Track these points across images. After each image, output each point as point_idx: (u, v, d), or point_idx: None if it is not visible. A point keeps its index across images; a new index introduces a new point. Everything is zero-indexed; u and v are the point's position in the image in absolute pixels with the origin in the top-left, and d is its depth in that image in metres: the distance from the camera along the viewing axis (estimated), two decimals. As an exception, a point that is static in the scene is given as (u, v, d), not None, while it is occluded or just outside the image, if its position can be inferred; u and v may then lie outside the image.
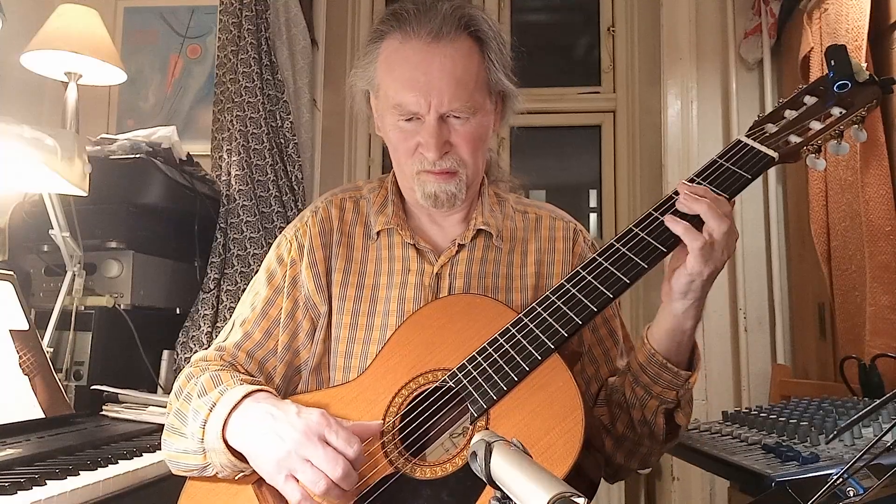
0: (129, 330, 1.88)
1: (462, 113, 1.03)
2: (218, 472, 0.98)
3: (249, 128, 2.39)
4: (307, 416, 0.91)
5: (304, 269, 1.12)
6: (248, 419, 0.94)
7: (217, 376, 1.02)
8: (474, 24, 1.05)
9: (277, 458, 0.89)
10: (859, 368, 1.50)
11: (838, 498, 0.81)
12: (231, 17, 2.45)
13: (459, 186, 1.07)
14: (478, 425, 0.91)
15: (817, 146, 0.98)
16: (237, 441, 0.94)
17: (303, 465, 0.87)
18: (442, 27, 1.02)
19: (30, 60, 2.14)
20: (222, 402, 0.96)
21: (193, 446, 0.98)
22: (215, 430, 0.95)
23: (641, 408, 0.99)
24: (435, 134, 1.03)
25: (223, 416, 0.94)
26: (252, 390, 0.97)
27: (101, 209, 1.91)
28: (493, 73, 1.07)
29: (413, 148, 1.06)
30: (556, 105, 2.97)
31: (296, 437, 0.88)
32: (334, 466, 0.86)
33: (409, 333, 1.02)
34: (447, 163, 1.05)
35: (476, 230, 1.13)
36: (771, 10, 2.41)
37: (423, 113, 1.03)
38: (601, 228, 2.95)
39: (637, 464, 1.09)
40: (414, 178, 1.08)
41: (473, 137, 1.06)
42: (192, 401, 1.00)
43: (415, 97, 1.02)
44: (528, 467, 0.57)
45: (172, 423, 1.03)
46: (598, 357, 1.12)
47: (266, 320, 1.12)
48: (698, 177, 0.96)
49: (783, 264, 2.45)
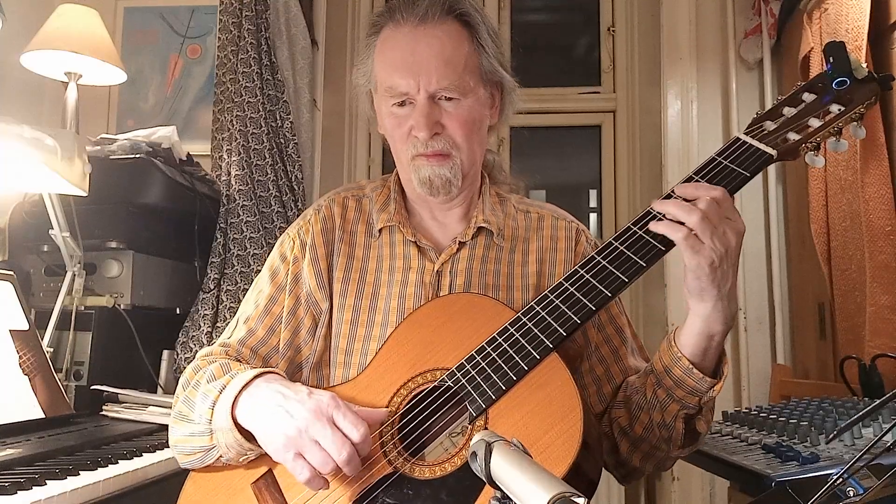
0: (129, 330, 1.88)
1: (452, 93, 1.05)
2: (223, 454, 0.98)
3: (249, 128, 2.39)
4: (318, 397, 0.92)
5: (307, 267, 1.13)
6: (258, 398, 0.95)
7: (227, 364, 1.04)
8: (460, 7, 1.08)
9: (287, 435, 0.90)
10: (859, 368, 1.50)
11: (838, 498, 0.81)
12: (231, 17, 2.45)
13: (454, 171, 1.08)
14: (476, 425, 0.91)
15: (816, 143, 0.98)
16: (246, 419, 0.94)
17: (311, 445, 0.88)
18: (428, 10, 1.06)
19: (30, 60, 2.14)
20: (232, 384, 0.97)
21: (200, 428, 0.98)
22: (225, 408, 0.95)
23: (662, 410, 0.98)
24: (425, 113, 1.04)
25: (233, 394, 0.95)
26: (263, 371, 0.99)
27: (101, 209, 1.91)
28: (485, 59, 1.08)
29: (407, 132, 1.08)
30: (556, 105, 2.97)
31: (306, 415, 0.89)
32: (340, 449, 0.87)
33: (408, 332, 1.02)
34: (439, 143, 1.06)
35: (477, 228, 1.13)
36: (771, 10, 2.41)
37: (413, 94, 1.05)
38: (601, 228, 2.95)
39: (653, 467, 1.08)
40: (409, 165, 1.09)
41: (466, 120, 1.07)
42: (201, 387, 1.01)
43: (404, 78, 1.04)
44: (528, 467, 0.57)
45: (180, 411, 1.03)
46: (607, 356, 1.12)
47: (269, 317, 1.12)
48: (697, 174, 0.96)
49: (783, 264, 2.45)
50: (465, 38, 1.07)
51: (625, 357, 1.12)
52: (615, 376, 1.11)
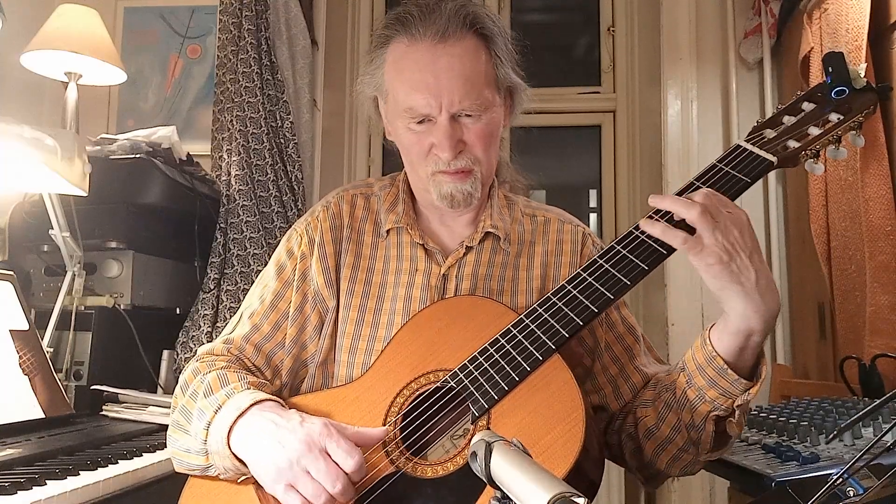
0: (129, 330, 1.88)
1: (473, 111, 1.04)
2: (220, 473, 0.98)
3: (249, 128, 2.39)
4: (309, 426, 0.90)
5: (314, 264, 1.12)
6: (252, 428, 0.93)
7: (224, 376, 1.01)
8: (479, 21, 1.05)
9: (278, 467, 0.88)
10: (859, 368, 1.50)
11: (838, 498, 0.81)
12: (231, 17, 2.45)
13: (475, 185, 1.08)
14: (479, 425, 0.91)
15: (816, 151, 0.99)
16: (240, 449, 0.93)
17: (303, 476, 0.87)
18: (447, 27, 1.02)
19: (30, 60, 2.14)
20: (227, 407, 0.96)
21: (196, 446, 0.98)
22: (220, 434, 0.94)
23: (691, 411, 0.95)
24: (448, 134, 1.03)
25: (229, 422, 0.94)
26: (260, 399, 0.96)
27: (101, 209, 1.91)
28: (501, 69, 1.07)
29: (427, 150, 1.06)
30: (556, 105, 2.97)
31: (297, 446, 0.88)
32: (333, 481, 0.86)
33: (412, 334, 1.02)
34: (462, 161, 1.05)
35: (484, 233, 1.13)
36: (771, 10, 2.41)
37: (434, 114, 1.03)
38: (601, 228, 2.95)
39: (679, 471, 1.04)
40: (429, 180, 1.08)
41: (486, 134, 1.06)
42: (198, 399, 1.00)
43: (425, 99, 1.02)
44: (528, 467, 0.57)
45: (177, 420, 1.03)
46: (621, 355, 1.11)
47: (275, 313, 1.12)
48: (698, 180, 0.97)
49: (783, 264, 2.45)
50: (482, 52, 1.05)
51: (638, 355, 1.11)
52: (631, 375, 1.10)
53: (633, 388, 1.09)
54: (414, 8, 1.05)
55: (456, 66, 1.02)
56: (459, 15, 1.03)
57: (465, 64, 1.03)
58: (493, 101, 1.06)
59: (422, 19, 1.03)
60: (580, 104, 3.00)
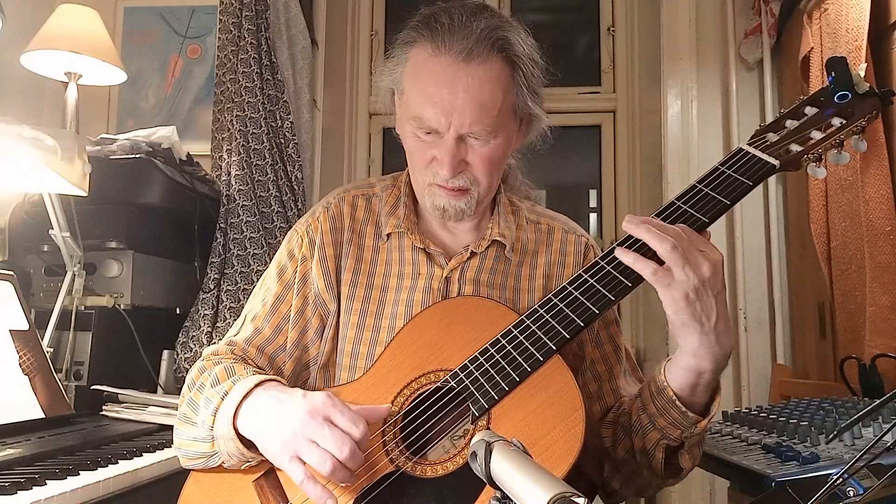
0: (129, 330, 1.88)
1: (481, 136, 1.02)
2: (224, 461, 0.98)
3: (249, 128, 2.39)
4: (312, 398, 0.91)
5: (315, 266, 1.12)
6: (256, 406, 0.94)
7: (231, 367, 1.03)
8: (508, 47, 1.01)
9: (283, 438, 0.89)
10: (859, 368, 1.50)
11: (838, 498, 0.81)
12: (231, 17, 2.46)
13: (469, 204, 1.07)
14: (479, 425, 0.91)
15: (818, 155, 1.00)
16: (246, 428, 0.94)
17: (308, 445, 0.88)
18: (474, 47, 0.99)
19: (30, 60, 2.14)
20: (234, 391, 0.97)
21: (203, 434, 0.99)
22: (226, 416, 0.95)
23: (643, 436, 0.97)
24: (451, 153, 1.01)
25: (235, 403, 0.95)
26: (263, 379, 0.98)
27: (101, 209, 1.91)
28: (521, 97, 1.04)
29: (428, 160, 1.05)
30: (556, 105, 2.97)
31: (301, 417, 0.89)
32: (340, 446, 0.86)
33: (413, 334, 1.02)
34: (460, 181, 1.04)
35: (491, 241, 1.12)
36: (771, 10, 2.41)
37: (442, 130, 1.01)
38: (601, 228, 2.95)
39: (633, 492, 1.06)
40: (425, 189, 1.08)
41: (490, 158, 1.04)
42: (205, 390, 1.01)
43: (436, 114, 1.00)
44: (528, 467, 0.57)
45: (184, 413, 1.04)
46: (602, 374, 1.11)
47: (276, 316, 1.12)
48: (700, 183, 0.97)
49: (783, 264, 2.45)
50: (505, 77, 1.01)
51: (618, 376, 1.12)
52: (606, 395, 1.10)
53: (604, 408, 1.09)
54: (446, 17, 1.01)
55: (474, 89, 0.99)
56: (490, 38, 0.99)
57: (483, 88, 0.99)
58: (505, 127, 1.04)
59: (451, 32, 1.00)
60: (580, 104, 3.00)
